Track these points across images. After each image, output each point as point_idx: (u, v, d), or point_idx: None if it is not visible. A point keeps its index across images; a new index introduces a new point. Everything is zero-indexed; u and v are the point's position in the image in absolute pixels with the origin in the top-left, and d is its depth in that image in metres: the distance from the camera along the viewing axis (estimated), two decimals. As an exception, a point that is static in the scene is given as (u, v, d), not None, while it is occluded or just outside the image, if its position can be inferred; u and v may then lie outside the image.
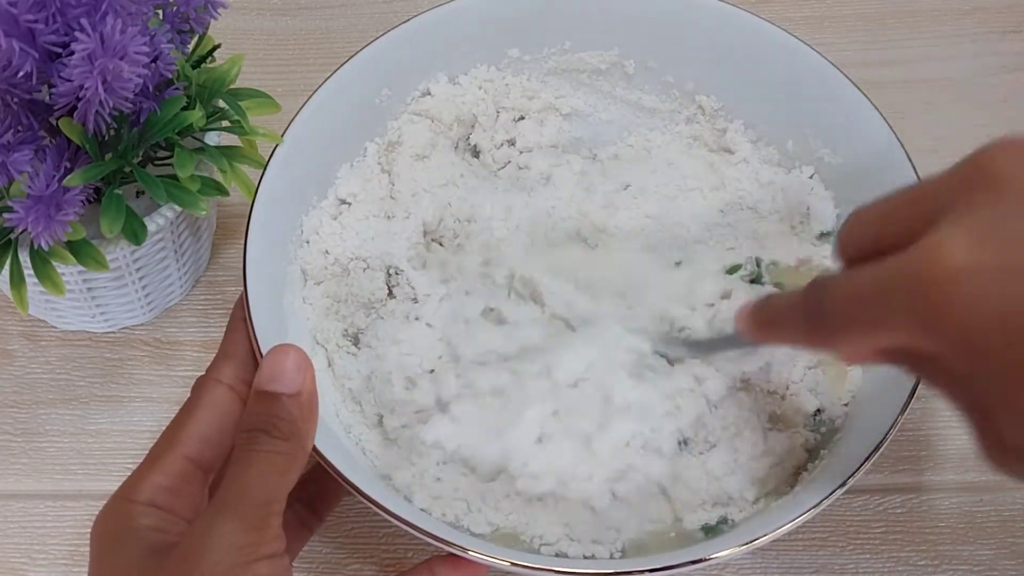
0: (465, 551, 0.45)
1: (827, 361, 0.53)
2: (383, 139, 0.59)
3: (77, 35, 0.43)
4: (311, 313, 0.55)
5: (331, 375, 0.53)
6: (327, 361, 0.53)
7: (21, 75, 0.44)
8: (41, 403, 0.59)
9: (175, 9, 0.51)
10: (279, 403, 0.44)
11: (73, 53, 0.43)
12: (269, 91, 0.54)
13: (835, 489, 0.45)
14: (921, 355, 0.36)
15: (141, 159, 0.51)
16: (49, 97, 0.46)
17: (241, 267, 0.50)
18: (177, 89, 0.51)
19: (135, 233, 0.51)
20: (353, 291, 0.55)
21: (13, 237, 0.50)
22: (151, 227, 0.52)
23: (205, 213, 0.51)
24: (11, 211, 0.46)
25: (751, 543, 0.45)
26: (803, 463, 0.51)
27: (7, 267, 0.50)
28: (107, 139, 0.49)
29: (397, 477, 0.50)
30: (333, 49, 0.70)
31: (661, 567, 0.45)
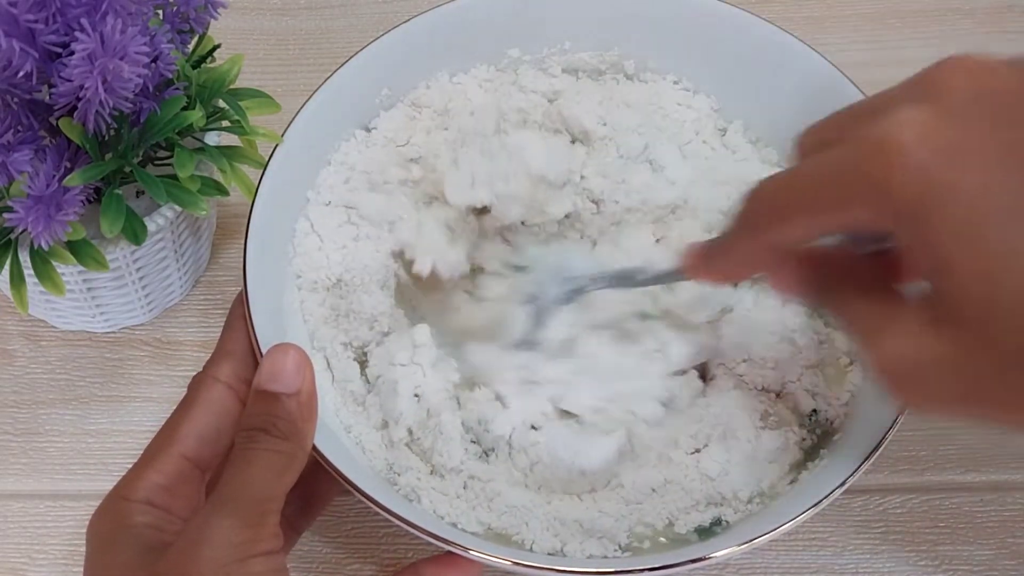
0: (466, 551, 0.45)
1: (827, 362, 0.53)
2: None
3: (77, 35, 0.43)
4: (311, 315, 0.54)
5: (330, 375, 0.53)
6: (326, 362, 0.53)
7: (21, 75, 0.44)
8: (41, 403, 0.59)
9: (175, 9, 0.51)
10: (278, 403, 0.44)
11: (73, 53, 0.43)
12: (269, 91, 0.54)
13: (835, 489, 0.45)
14: (855, 228, 0.38)
15: (141, 159, 0.51)
16: (49, 97, 0.46)
17: (241, 267, 0.50)
18: (177, 89, 0.51)
19: (135, 233, 0.51)
20: (354, 307, 0.54)
21: (13, 237, 0.50)
22: (151, 227, 0.52)
23: (205, 213, 0.51)
24: (11, 211, 0.46)
25: (750, 542, 0.45)
26: (799, 462, 0.51)
27: (7, 267, 0.50)
28: (107, 139, 0.49)
29: (399, 477, 0.50)
30: (333, 49, 0.70)
31: (661, 566, 0.45)
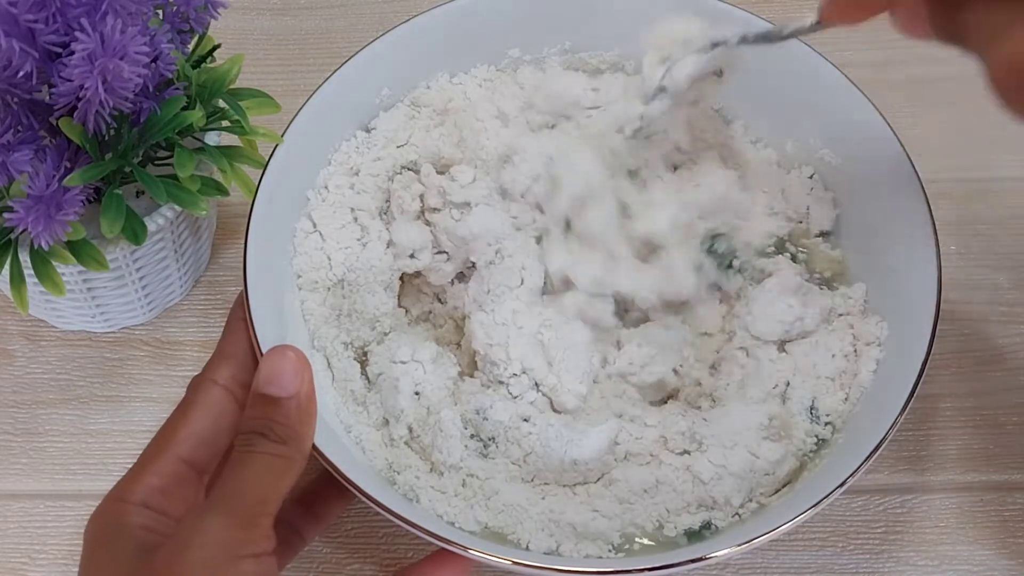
0: (466, 550, 0.45)
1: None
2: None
3: (77, 35, 0.43)
4: (311, 314, 0.54)
5: (330, 375, 0.53)
6: (326, 361, 0.53)
7: (21, 75, 0.44)
8: (41, 403, 0.59)
9: (175, 9, 0.51)
10: (276, 406, 0.44)
11: (73, 53, 0.43)
12: (269, 91, 0.54)
13: (835, 489, 0.45)
14: None
15: (141, 159, 0.51)
16: (49, 97, 0.46)
17: (241, 267, 0.50)
18: (177, 89, 0.51)
19: (135, 233, 0.51)
20: (357, 307, 0.54)
21: (13, 237, 0.50)
22: (151, 227, 0.52)
23: (205, 213, 0.51)
24: (11, 211, 0.46)
25: (751, 542, 0.45)
26: (796, 470, 0.51)
27: (7, 267, 0.50)
28: (107, 139, 0.49)
29: (397, 476, 0.50)
30: (333, 49, 0.70)
31: (661, 566, 0.45)
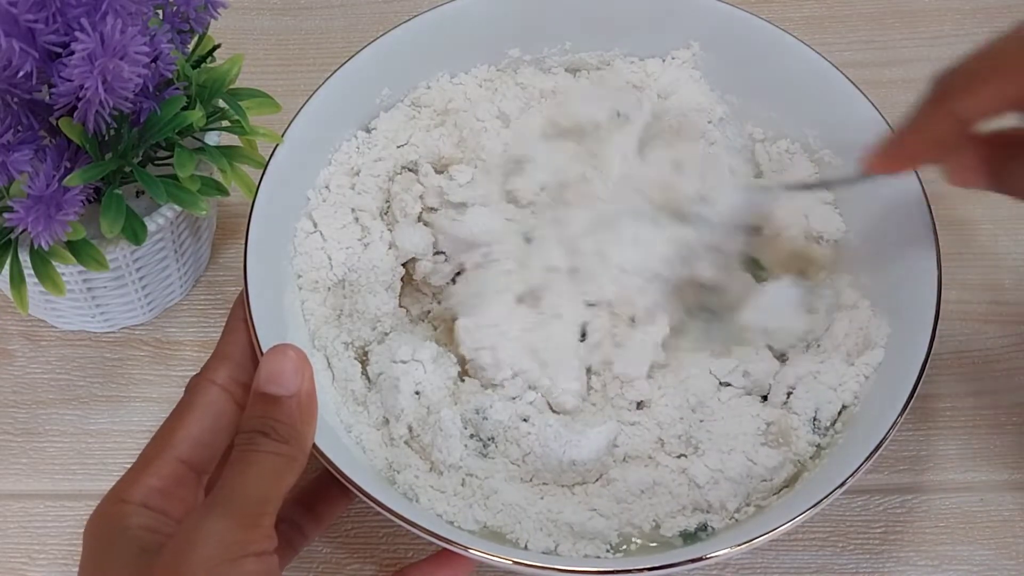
0: (466, 550, 0.45)
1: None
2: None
3: (77, 35, 0.43)
4: (311, 314, 0.54)
5: (331, 375, 0.53)
6: (327, 361, 0.53)
7: (21, 75, 0.44)
8: (41, 403, 0.59)
9: (175, 9, 0.51)
10: (277, 405, 0.44)
11: (73, 53, 0.43)
12: (269, 91, 0.54)
13: (835, 489, 0.45)
14: None
15: (141, 159, 0.51)
16: (49, 97, 0.46)
17: (241, 267, 0.50)
18: (177, 89, 0.51)
19: (135, 233, 0.51)
20: (358, 307, 0.54)
21: (13, 237, 0.50)
22: (151, 227, 0.52)
23: (205, 213, 0.51)
24: (11, 211, 0.46)
25: (750, 542, 0.45)
26: (793, 476, 0.51)
27: (7, 267, 0.50)
28: (107, 139, 0.49)
29: (397, 476, 0.50)
30: (333, 49, 0.70)
31: (660, 566, 0.45)
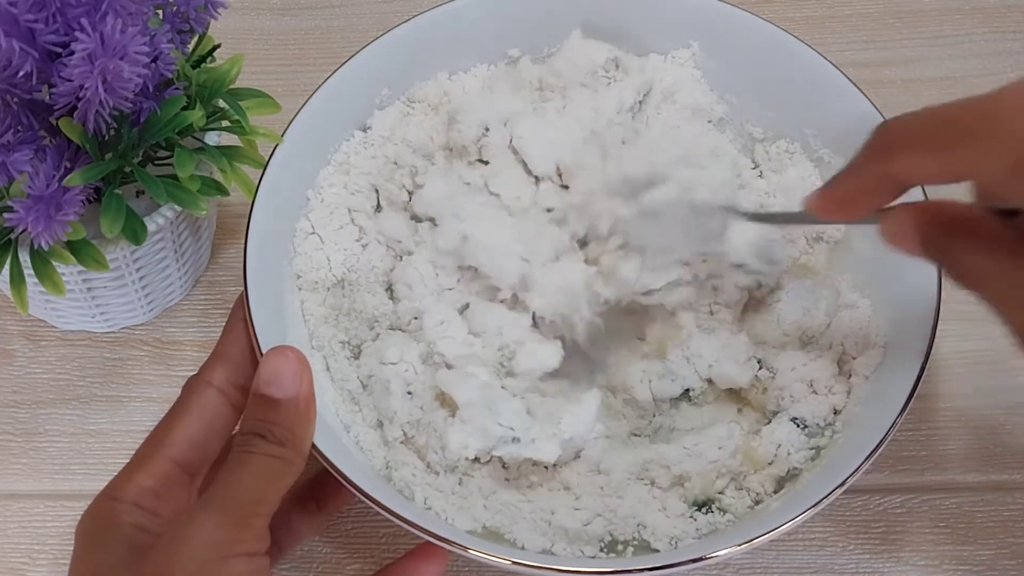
0: (466, 550, 0.45)
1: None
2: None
3: (77, 35, 0.43)
4: (311, 314, 0.54)
5: (330, 375, 0.53)
6: (325, 362, 0.53)
7: (21, 75, 0.44)
8: (41, 403, 0.59)
9: (175, 9, 0.51)
10: (276, 408, 0.44)
11: (73, 53, 0.43)
12: (269, 91, 0.54)
13: (835, 489, 0.45)
14: (971, 175, 0.40)
15: (141, 159, 0.51)
16: (49, 97, 0.46)
17: (241, 267, 0.50)
18: (177, 89, 0.51)
19: (135, 233, 0.51)
20: (356, 306, 0.54)
21: (13, 237, 0.50)
22: (151, 227, 0.52)
23: (205, 213, 0.51)
24: (11, 211, 0.46)
25: (750, 542, 0.45)
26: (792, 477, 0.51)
27: (7, 267, 0.50)
28: (107, 139, 0.49)
29: (394, 474, 0.50)
30: (333, 49, 0.70)
31: (661, 565, 0.45)
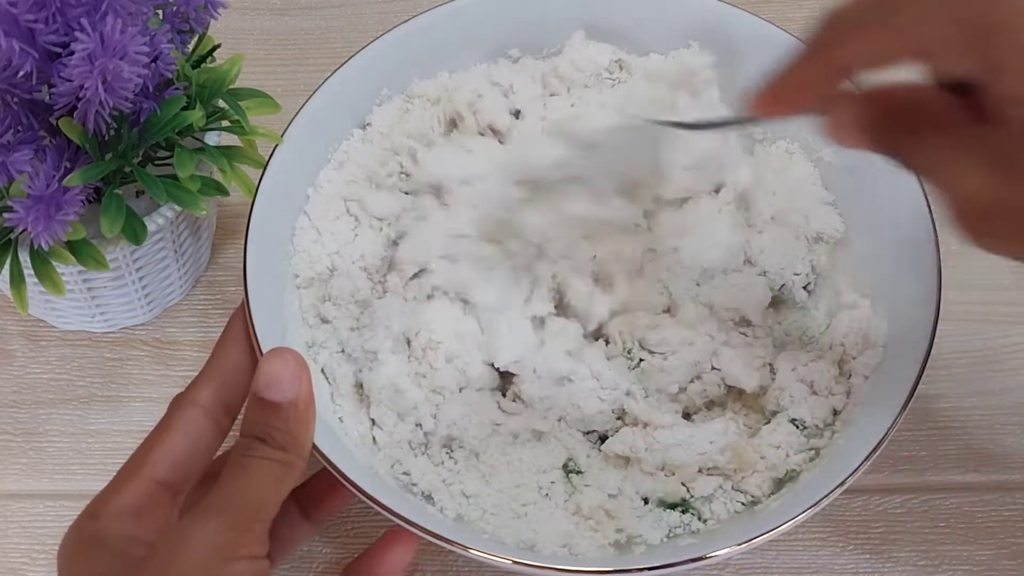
0: (467, 550, 0.45)
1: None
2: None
3: (77, 35, 0.43)
4: (309, 313, 0.54)
5: (328, 374, 0.53)
6: (324, 362, 0.53)
7: (21, 75, 0.44)
8: (41, 403, 0.59)
9: (175, 9, 0.51)
10: (275, 411, 0.44)
11: (73, 53, 0.43)
12: (269, 91, 0.54)
13: (834, 489, 0.45)
14: (924, 46, 0.39)
15: (141, 159, 0.51)
16: (49, 97, 0.46)
17: (241, 267, 0.50)
18: (177, 89, 0.51)
19: (135, 233, 0.51)
20: (341, 292, 0.54)
21: (13, 237, 0.50)
22: (151, 227, 0.52)
23: (205, 213, 0.51)
24: (11, 211, 0.46)
25: (750, 542, 0.45)
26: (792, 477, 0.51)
27: (7, 267, 0.50)
28: (107, 139, 0.49)
29: (393, 473, 0.50)
30: (333, 49, 0.70)
31: (660, 565, 0.45)
